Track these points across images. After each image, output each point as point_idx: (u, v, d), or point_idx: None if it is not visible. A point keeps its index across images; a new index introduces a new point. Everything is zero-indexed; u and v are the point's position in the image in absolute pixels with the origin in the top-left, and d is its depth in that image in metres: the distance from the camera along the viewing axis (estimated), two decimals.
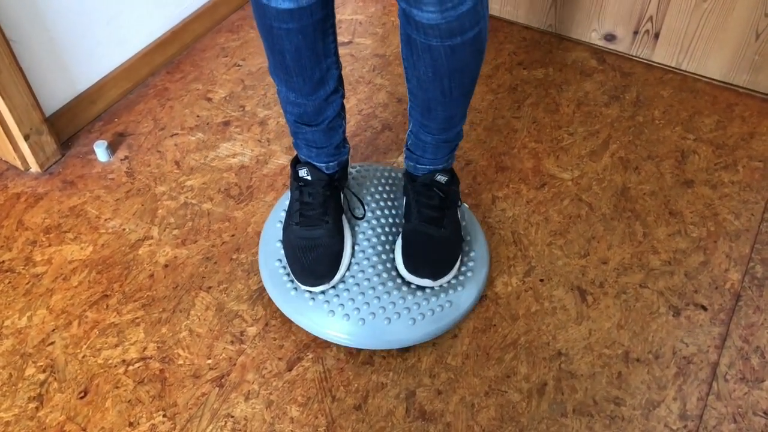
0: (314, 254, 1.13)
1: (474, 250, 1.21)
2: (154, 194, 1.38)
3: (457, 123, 1.10)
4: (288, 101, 1.09)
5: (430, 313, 1.12)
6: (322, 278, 1.12)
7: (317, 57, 1.01)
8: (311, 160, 1.17)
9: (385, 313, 1.12)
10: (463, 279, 1.17)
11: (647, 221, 1.33)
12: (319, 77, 1.04)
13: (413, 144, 1.15)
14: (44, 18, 1.35)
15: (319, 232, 1.14)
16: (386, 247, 1.19)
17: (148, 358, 1.13)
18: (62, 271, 1.25)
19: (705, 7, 1.52)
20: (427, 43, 0.91)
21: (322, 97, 1.07)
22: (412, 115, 1.10)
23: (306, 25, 0.95)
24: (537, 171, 1.42)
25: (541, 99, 1.58)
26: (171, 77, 1.64)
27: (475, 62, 0.97)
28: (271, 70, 1.06)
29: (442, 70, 0.95)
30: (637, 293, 1.22)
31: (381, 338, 1.11)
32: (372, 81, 1.63)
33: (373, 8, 1.84)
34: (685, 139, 1.49)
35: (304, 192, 1.16)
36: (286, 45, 0.98)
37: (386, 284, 1.14)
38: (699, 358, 1.13)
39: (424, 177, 1.16)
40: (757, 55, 1.52)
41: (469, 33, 0.90)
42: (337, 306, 1.12)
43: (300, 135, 1.14)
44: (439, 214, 1.16)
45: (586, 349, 1.14)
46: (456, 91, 1.00)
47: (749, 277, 1.24)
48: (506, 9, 1.78)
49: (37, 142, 1.39)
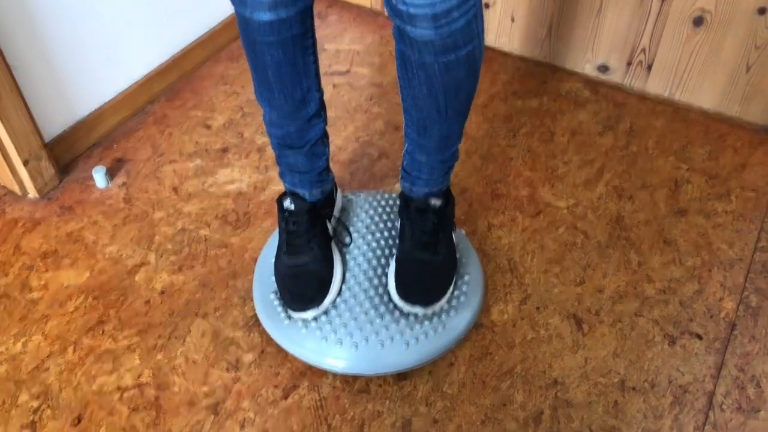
0: (301, 280, 1.14)
1: (468, 274, 1.22)
2: (152, 220, 1.39)
3: (452, 143, 1.11)
4: (272, 123, 1.12)
5: (423, 336, 1.13)
6: (311, 303, 1.13)
7: (297, 74, 1.05)
8: (295, 188, 1.19)
9: (378, 337, 1.12)
10: (457, 303, 1.18)
11: (642, 250, 1.34)
12: (300, 97, 1.07)
13: (409, 164, 1.16)
14: (45, 44, 1.37)
15: (305, 258, 1.16)
16: (378, 272, 1.20)
17: (143, 385, 1.13)
18: (58, 297, 1.25)
19: (696, 40, 1.54)
20: (421, 60, 0.93)
21: (305, 118, 1.10)
22: (408, 135, 1.11)
23: (285, 39, 0.99)
24: (532, 199, 1.44)
25: (536, 128, 1.60)
26: (170, 104, 1.66)
27: (470, 80, 0.98)
28: (256, 90, 1.10)
29: (437, 87, 0.96)
30: (633, 321, 1.22)
31: (375, 363, 1.11)
32: (369, 109, 1.65)
33: (370, 38, 1.86)
34: (679, 168, 1.50)
35: (289, 221, 1.18)
36: (267, 59, 1.02)
37: (378, 308, 1.15)
38: (695, 387, 1.13)
39: (418, 201, 1.17)
40: (749, 87, 1.55)
41: (463, 50, 0.91)
42: (329, 332, 1.12)
43: (284, 159, 1.17)
44: (433, 239, 1.17)
45: (582, 377, 1.14)
46: (451, 110, 1.01)
47: (744, 306, 1.25)
48: (501, 40, 1.81)
49: (36, 167, 1.40)
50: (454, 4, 0.85)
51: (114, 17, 1.49)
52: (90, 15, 1.44)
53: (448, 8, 0.85)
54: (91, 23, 1.45)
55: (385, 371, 1.12)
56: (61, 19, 1.38)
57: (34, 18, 1.33)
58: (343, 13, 1.95)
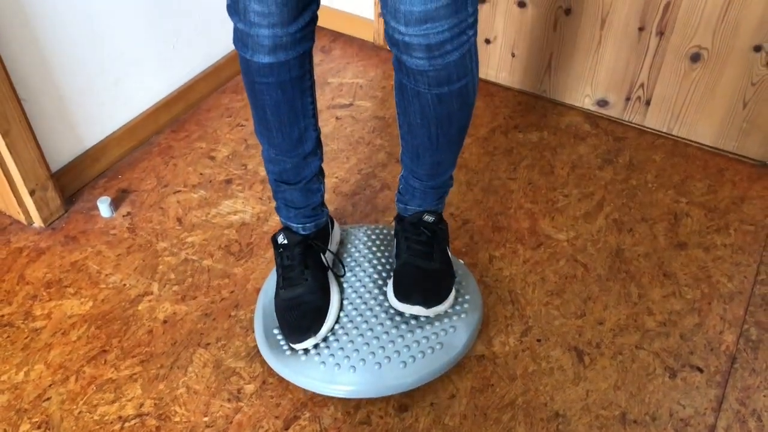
0: (297, 311, 1.15)
1: (468, 294, 1.23)
2: (156, 250, 1.40)
3: (444, 171, 1.15)
4: (270, 159, 1.16)
5: (420, 355, 1.13)
6: (308, 332, 1.14)
7: (295, 114, 1.08)
8: (289, 222, 1.22)
9: (375, 358, 1.12)
10: (457, 319, 1.19)
11: (642, 282, 1.35)
12: (297, 136, 1.11)
13: (403, 188, 1.21)
14: (54, 77, 1.40)
15: (300, 290, 1.17)
16: (375, 296, 1.22)
17: (145, 415, 1.13)
18: (61, 326, 1.26)
19: (694, 76, 1.57)
20: (416, 89, 0.97)
21: (301, 155, 1.14)
22: (403, 161, 1.16)
23: (284, 81, 1.03)
24: (533, 231, 1.45)
25: (537, 161, 1.62)
26: (175, 136, 1.68)
27: (462, 113, 1.02)
28: (256, 128, 1.14)
29: (430, 116, 1.00)
30: (633, 354, 1.22)
31: (374, 384, 1.11)
32: (372, 142, 1.67)
33: (373, 73, 1.90)
34: (678, 202, 1.52)
35: (283, 256, 1.20)
36: (266, 99, 1.06)
37: (375, 329, 1.16)
38: (696, 421, 1.13)
39: (411, 216, 1.21)
40: (745, 122, 1.57)
41: (456, 84, 0.96)
42: (327, 357, 1.13)
43: (280, 194, 1.20)
44: (428, 249, 1.20)
45: (583, 410, 1.14)
46: (442, 139, 1.05)
47: (744, 339, 1.25)
48: (502, 75, 1.84)
49: (42, 197, 1.41)
50: (447, 37, 0.89)
51: (122, 51, 1.52)
52: (98, 49, 1.47)
53: (442, 40, 0.89)
54: (99, 57, 1.48)
55: (385, 393, 1.12)
56: (70, 53, 1.41)
57: (44, 53, 1.35)
58: (347, 48, 1.98)
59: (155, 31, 1.59)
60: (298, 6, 0.96)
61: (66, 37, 1.39)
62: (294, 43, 0.99)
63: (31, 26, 1.31)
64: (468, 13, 0.89)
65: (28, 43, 1.32)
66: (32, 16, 1.31)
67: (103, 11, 1.44)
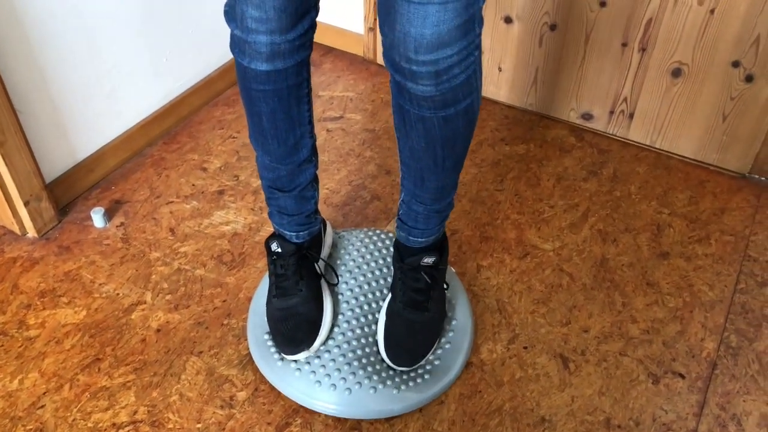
0: (291, 323, 1.16)
1: (456, 319, 1.25)
2: (149, 260, 1.42)
3: (448, 193, 1.12)
4: (264, 166, 1.14)
5: (412, 383, 1.16)
6: (301, 345, 1.15)
7: (292, 122, 1.07)
8: (282, 229, 1.20)
9: (370, 382, 1.14)
10: (449, 347, 1.21)
11: (626, 291, 1.38)
12: (293, 143, 1.10)
13: (405, 214, 1.16)
14: (50, 89, 1.42)
15: (294, 300, 1.18)
16: (369, 312, 1.24)
17: (138, 422, 1.14)
18: (55, 335, 1.27)
19: (675, 91, 1.62)
20: (420, 114, 0.93)
21: (296, 163, 1.12)
22: (405, 186, 1.12)
23: (281, 89, 1.02)
24: (520, 241, 1.48)
25: (523, 173, 1.66)
26: (168, 147, 1.70)
27: (467, 131, 0.99)
28: (251, 135, 1.12)
29: (435, 139, 0.97)
30: (617, 361, 1.26)
31: (367, 408, 1.14)
32: (362, 154, 1.70)
33: (363, 86, 1.93)
34: (661, 213, 1.56)
35: (277, 264, 1.19)
36: (263, 107, 1.04)
37: (369, 357, 1.18)
38: (678, 425, 1.16)
39: (411, 260, 1.17)
40: (725, 136, 1.62)
41: (462, 104, 0.92)
42: (323, 376, 1.15)
43: (273, 201, 1.18)
44: (424, 298, 1.18)
45: (568, 415, 1.17)
46: (448, 161, 1.02)
47: (724, 346, 1.29)
48: (489, 89, 1.88)
49: (36, 208, 1.43)
50: (455, 61, 0.86)
51: (116, 64, 1.55)
52: (93, 61, 1.49)
53: (450, 65, 0.86)
54: (93, 69, 1.50)
55: (378, 416, 1.15)
56: (65, 65, 1.43)
57: (40, 65, 1.38)
58: (337, 62, 2.02)
59: (149, 43, 1.61)
60: (297, 12, 0.93)
61: (62, 50, 1.41)
62: (292, 51, 0.97)
63: (28, 39, 1.34)
64: (476, 34, 0.86)
65: (25, 56, 1.34)
66: (29, 29, 1.33)
67: (98, 24, 1.47)
